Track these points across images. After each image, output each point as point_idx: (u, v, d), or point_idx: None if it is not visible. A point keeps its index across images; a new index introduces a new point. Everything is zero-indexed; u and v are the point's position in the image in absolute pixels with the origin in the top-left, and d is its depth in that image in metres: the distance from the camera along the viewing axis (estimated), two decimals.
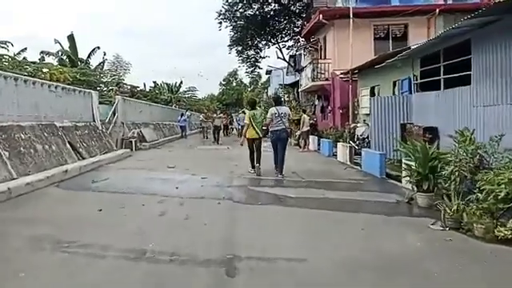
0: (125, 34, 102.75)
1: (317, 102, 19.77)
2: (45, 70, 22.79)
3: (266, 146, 10.16)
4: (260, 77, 75.41)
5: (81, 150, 10.46)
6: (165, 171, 9.63)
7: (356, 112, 14.93)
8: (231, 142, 20.21)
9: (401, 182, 7.53)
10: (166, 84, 51.19)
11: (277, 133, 8.98)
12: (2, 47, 18.97)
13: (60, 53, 31.21)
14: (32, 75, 20.37)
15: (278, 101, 9.97)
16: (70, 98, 11.35)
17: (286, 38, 29.24)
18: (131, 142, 15.52)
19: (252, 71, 31.05)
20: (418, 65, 9.56)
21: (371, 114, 10.05)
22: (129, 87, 34.77)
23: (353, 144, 12.16)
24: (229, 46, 29.68)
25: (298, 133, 16.78)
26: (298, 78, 30.48)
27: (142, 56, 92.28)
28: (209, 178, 8.53)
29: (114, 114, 15.99)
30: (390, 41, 17.65)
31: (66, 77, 24.41)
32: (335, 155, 13.10)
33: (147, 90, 43.54)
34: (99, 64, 32.78)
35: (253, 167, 9.40)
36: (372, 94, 13.37)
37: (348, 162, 10.93)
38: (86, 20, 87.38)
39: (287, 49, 30.52)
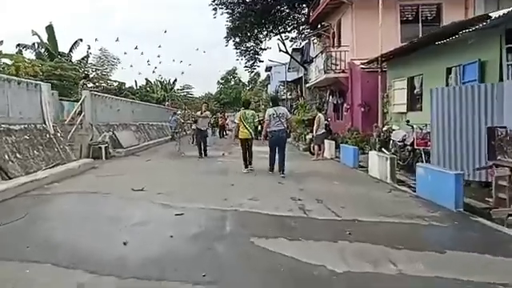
0: (120, 34, 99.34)
1: (330, 99, 16.62)
2: (7, 62, 19.70)
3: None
4: (259, 75, 72.25)
5: (9, 163, 7.28)
6: (124, 198, 6.46)
7: (385, 110, 11.77)
8: (227, 146, 17.07)
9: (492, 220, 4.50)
10: (160, 81, 48.05)
11: (275, 133, 8.77)
12: None
13: (37, 45, 28.10)
14: None
15: (275, 101, 9.92)
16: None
17: (288, 29, 26.04)
18: (101, 148, 12.34)
19: (252, 65, 27.79)
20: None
21: (432, 113, 6.89)
22: (115, 83, 31.71)
23: (387, 153, 9.05)
24: (225, 37, 26.49)
25: (310, 136, 13.62)
26: (301, 75, 27.38)
27: (137, 55, 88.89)
28: (187, 213, 5.39)
29: (80, 113, 12.82)
30: (420, 24, 14.55)
31: (35, 70, 21.34)
32: (362, 167, 9.97)
33: (139, 87, 40.53)
34: (83, 58, 29.67)
35: (246, 167, 9.50)
36: (411, 86, 10.24)
37: (389, 180, 7.79)
38: (82, 19, 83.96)
39: (290, 41, 27.36)
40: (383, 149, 9.85)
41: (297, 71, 31.21)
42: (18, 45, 28.33)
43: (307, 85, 20.29)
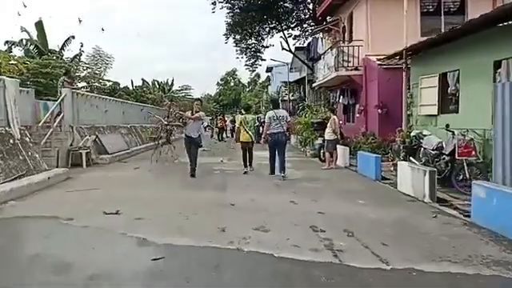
0: (119, 35, 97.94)
1: (341, 100, 15.05)
2: None
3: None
4: (259, 76, 70.78)
5: None
6: (89, 227, 4.87)
7: (408, 112, 10.21)
8: (227, 151, 15.49)
9: None
10: (157, 82, 46.45)
11: (275, 136, 8.76)
12: None
13: (26, 42, 26.51)
14: None
15: (275, 104, 10.41)
16: None
17: (292, 25, 24.51)
18: (81, 154, 10.76)
19: (253, 64, 26.21)
20: None
21: (497, 116, 5.31)
22: (108, 83, 30.10)
23: (417, 164, 7.53)
24: (225, 34, 24.93)
25: (319, 141, 12.06)
26: (304, 75, 25.86)
27: (135, 57, 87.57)
28: (170, 257, 3.82)
29: (58, 114, 11.24)
30: (442, 16, 13.02)
31: (19, 68, 19.72)
32: (385, 178, 8.44)
33: (135, 87, 38.90)
34: (75, 56, 28.07)
35: (245, 166, 9.84)
36: (443, 84, 8.69)
37: (427, 199, 6.23)
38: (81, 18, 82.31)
39: (293, 39, 25.84)
40: (411, 158, 8.30)
41: (299, 71, 29.68)
42: (7, 42, 26.83)
43: (314, 84, 18.72)
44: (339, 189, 7.65)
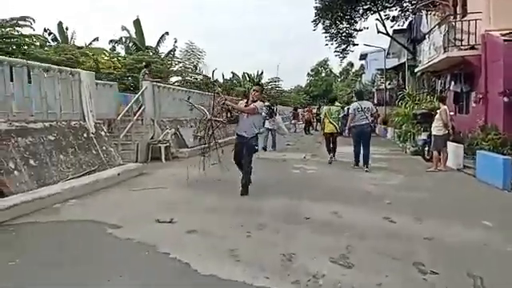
0: (210, 30, 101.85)
1: (452, 86, 12.52)
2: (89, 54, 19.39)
3: None
4: (352, 65, 67.19)
5: (12, 175, 5.50)
6: (131, 241, 4.06)
7: None
8: (312, 147, 14.11)
9: None
10: (247, 74, 46.72)
11: (360, 127, 8.62)
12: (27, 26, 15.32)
13: (125, 40, 28.37)
14: (73, 61, 16.99)
15: (360, 95, 9.73)
16: (17, 82, 6.46)
17: (389, 5, 21.78)
18: (160, 148, 10.49)
19: (344, 50, 24.08)
20: None
21: None
22: (200, 77, 30.81)
23: None
24: (313, 21, 23.25)
25: (424, 137, 10.02)
26: (403, 60, 22.92)
27: (226, 52, 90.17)
28: None
29: (140, 107, 11.16)
30: None
31: (115, 64, 20.86)
32: None
33: (224, 80, 39.52)
34: (169, 52, 29.29)
35: (329, 153, 10.13)
36: None
37: None
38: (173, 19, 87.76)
39: (391, 21, 23.01)
40: None
41: (397, 57, 26.59)
42: (111, 41, 29.08)
43: (416, 69, 16.19)
44: (452, 201, 5.86)
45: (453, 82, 12.44)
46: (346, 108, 12.23)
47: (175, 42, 28.80)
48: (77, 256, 3.68)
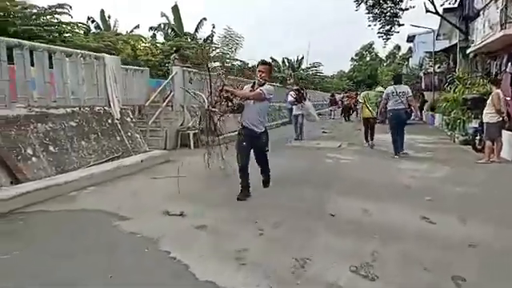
0: (248, 17, 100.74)
1: (508, 68, 11.16)
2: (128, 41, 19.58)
3: None
4: (399, 48, 63.78)
5: (30, 161, 5.42)
6: (137, 236, 3.74)
7: None
8: (349, 134, 13.32)
9: None
10: (287, 59, 45.73)
11: (395, 112, 8.34)
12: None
13: (164, 26, 28.53)
14: (111, 47, 17.20)
15: (398, 79, 9.19)
16: (38, 67, 6.36)
17: None
18: (189, 135, 10.26)
19: (388, 31, 22.55)
20: None
21: None
22: (237, 63, 30.47)
23: None
24: (355, 0, 21.91)
25: (475, 125, 8.98)
26: (455, 41, 21.07)
27: (265, 38, 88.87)
28: None
29: (170, 92, 10.96)
30: None
31: (153, 50, 20.94)
32: None
33: None
34: (207, 37, 29.15)
35: (366, 141, 10.10)
36: None
37: None
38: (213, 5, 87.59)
39: None
40: None
41: (448, 38, 24.56)
42: (151, 28, 29.40)
43: (469, 50, 14.72)
44: (506, 199, 5.04)
45: (510, 64, 11.07)
46: (379, 93, 11.42)
47: (213, 27, 28.63)
48: (73, 251, 3.42)
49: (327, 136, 13.19)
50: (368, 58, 71.10)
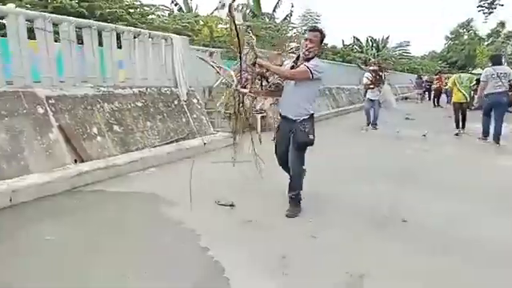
0: None
1: None
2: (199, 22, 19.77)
3: None
4: (503, 25, 55.83)
5: (95, 140, 5.53)
6: (176, 229, 3.50)
7: None
8: (438, 120, 11.85)
9: None
10: (371, 38, 42.83)
11: (493, 96, 7.57)
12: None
13: (242, 7, 28.42)
14: (189, 29, 17.50)
15: (497, 59, 8.11)
16: (106, 47, 6.45)
17: None
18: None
19: (491, 4, 19.60)
20: None
21: None
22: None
23: None
24: None
25: None
26: None
27: (346, 16, 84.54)
28: None
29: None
30: None
31: (227, 31, 20.87)
32: None
33: (343, 46, 36.99)
34: (285, 18, 28.51)
35: (457, 127, 9.33)
36: None
37: None
38: None
39: None
40: None
41: None
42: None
43: None
44: None
45: None
46: (472, 75, 9.99)
47: (292, 6, 27.91)
48: (109, 238, 3.28)
49: (410, 123, 11.87)
50: (465, 37, 63.76)
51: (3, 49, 5.21)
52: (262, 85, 3.83)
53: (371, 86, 9.77)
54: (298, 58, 3.72)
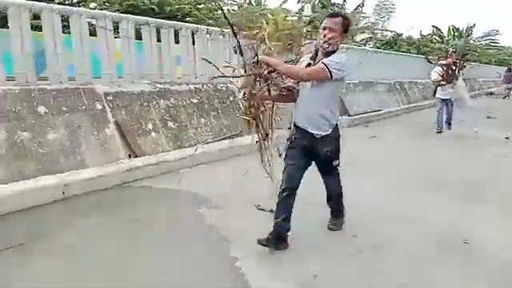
0: None
1: None
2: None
3: None
4: None
5: (149, 136, 5.67)
6: (210, 235, 3.37)
7: None
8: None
9: None
10: (454, 28, 39.16)
11: None
12: None
13: None
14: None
15: None
16: (164, 44, 6.56)
17: None
18: None
19: None
20: None
21: None
22: (389, 33, 27.70)
23: None
24: None
25: None
26: None
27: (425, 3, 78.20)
28: None
29: None
30: None
31: (285, 25, 20.37)
32: None
33: (420, 36, 34.29)
34: (356, 7, 27.25)
35: None
36: None
37: None
38: None
39: None
40: None
41: None
42: (298, 1, 29.03)
43: None
44: None
45: None
46: None
47: None
48: (145, 237, 3.27)
49: (492, 122, 10.58)
50: None
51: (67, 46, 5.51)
52: (269, 88, 2.97)
53: (442, 83, 8.53)
54: (316, 53, 2.94)
